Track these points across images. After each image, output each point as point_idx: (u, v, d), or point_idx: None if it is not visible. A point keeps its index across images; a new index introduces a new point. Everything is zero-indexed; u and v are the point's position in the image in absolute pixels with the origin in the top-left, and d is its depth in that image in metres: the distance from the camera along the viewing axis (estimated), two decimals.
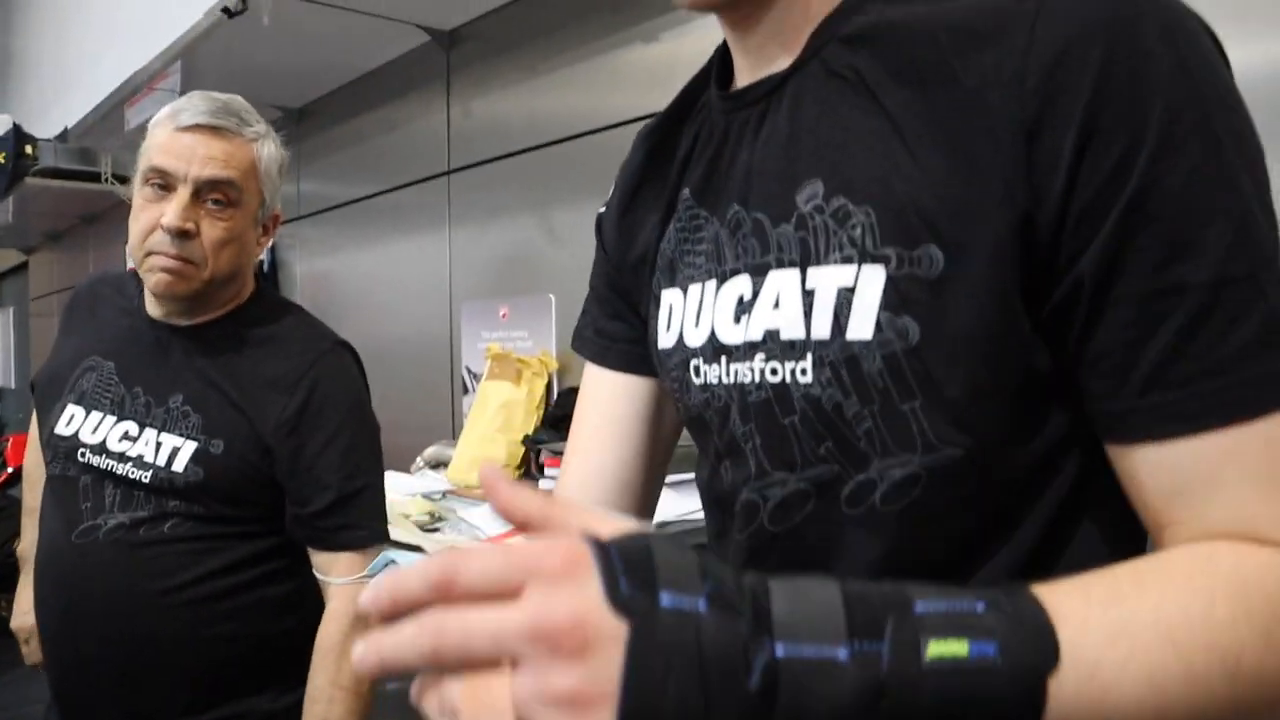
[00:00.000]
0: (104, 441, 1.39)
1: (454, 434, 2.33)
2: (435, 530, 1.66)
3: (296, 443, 1.38)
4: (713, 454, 0.71)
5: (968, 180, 0.54)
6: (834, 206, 0.60)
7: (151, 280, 1.37)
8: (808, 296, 0.61)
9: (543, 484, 1.72)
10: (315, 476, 1.38)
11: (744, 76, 0.70)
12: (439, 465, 2.20)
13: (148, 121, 3.32)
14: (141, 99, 3.24)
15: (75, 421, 1.43)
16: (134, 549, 1.36)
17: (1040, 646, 0.45)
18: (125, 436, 1.39)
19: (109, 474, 1.38)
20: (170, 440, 1.37)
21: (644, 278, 0.79)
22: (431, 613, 0.43)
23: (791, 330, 0.62)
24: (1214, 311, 0.50)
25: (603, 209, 0.87)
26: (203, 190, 1.34)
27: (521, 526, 0.48)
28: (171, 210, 1.31)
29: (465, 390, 2.41)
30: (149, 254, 1.35)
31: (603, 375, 0.87)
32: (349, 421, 1.43)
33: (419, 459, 2.27)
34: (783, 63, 0.66)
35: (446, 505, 1.80)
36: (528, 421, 2.05)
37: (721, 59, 0.73)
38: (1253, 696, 0.48)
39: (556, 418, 1.98)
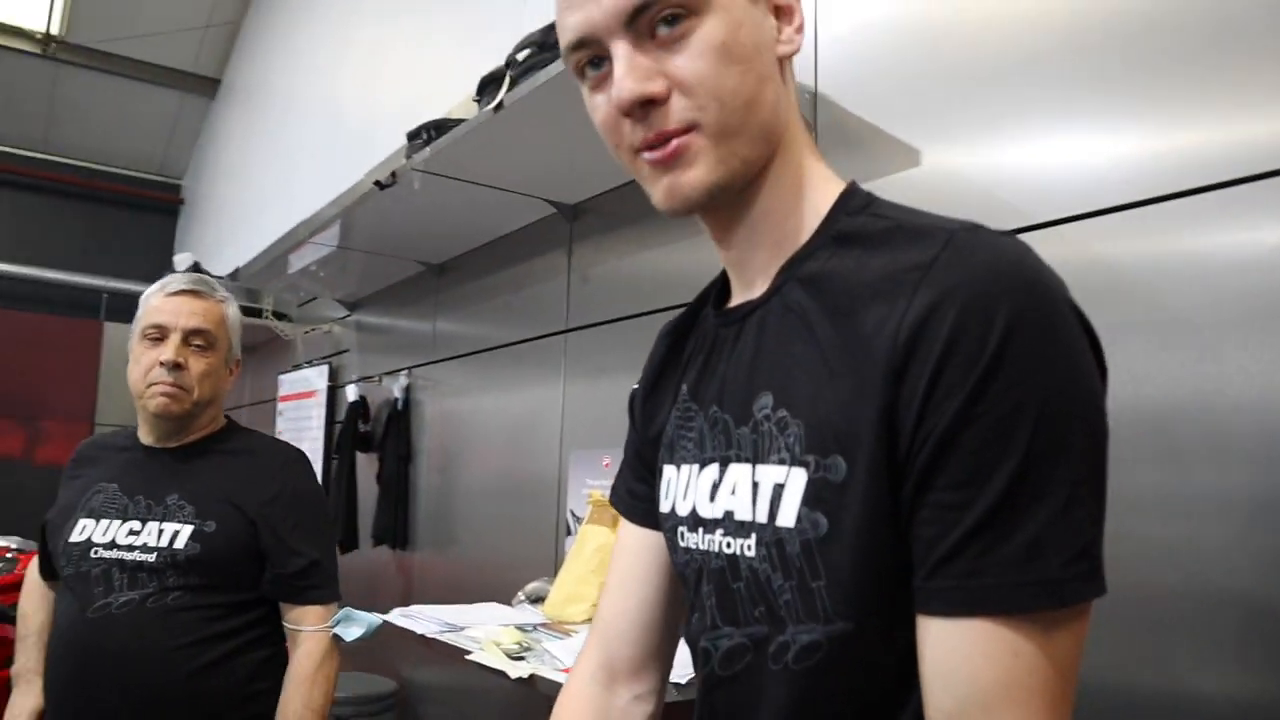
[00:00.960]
0: (113, 539, 1.79)
1: (554, 572, 2.49)
2: (521, 659, 1.82)
3: (277, 518, 1.83)
4: (688, 605, 0.89)
5: (861, 406, 0.70)
6: (778, 416, 0.76)
7: (153, 404, 1.84)
8: (755, 487, 0.77)
9: None
10: (292, 547, 1.82)
11: (736, 297, 0.89)
12: (537, 600, 2.37)
13: (308, 266, 3.68)
14: (302, 247, 3.58)
15: (86, 530, 1.83)
16: (143, 616, 1.73)
17: None
18: (131, 532, 1.79)
19: (118, 562, 1.77)
20: (170, 526, 1.78)
21: (658, 452, 0.97)
22: None
23: (742, 513, 0.79)
24: (989, 528, 0.64)
25: (635, 387, 1.06)
26: (189, 336, 1.85)
27: None
28: (169, 349, 1.84)
29: (568, 532, 2.59)
30: (150, 385, 1.83)
31: (631, 528, 1.05)
32: (311, 508, 1.93)
33: (520, 593, 2.44)
34: (759, 289, 0.84)
35: (535, 637, 1.96)
36: None
37: (723, 280, 0.93)
38: None
39: None
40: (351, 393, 3.85)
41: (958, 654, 0.65)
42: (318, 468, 4.19)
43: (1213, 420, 1.27)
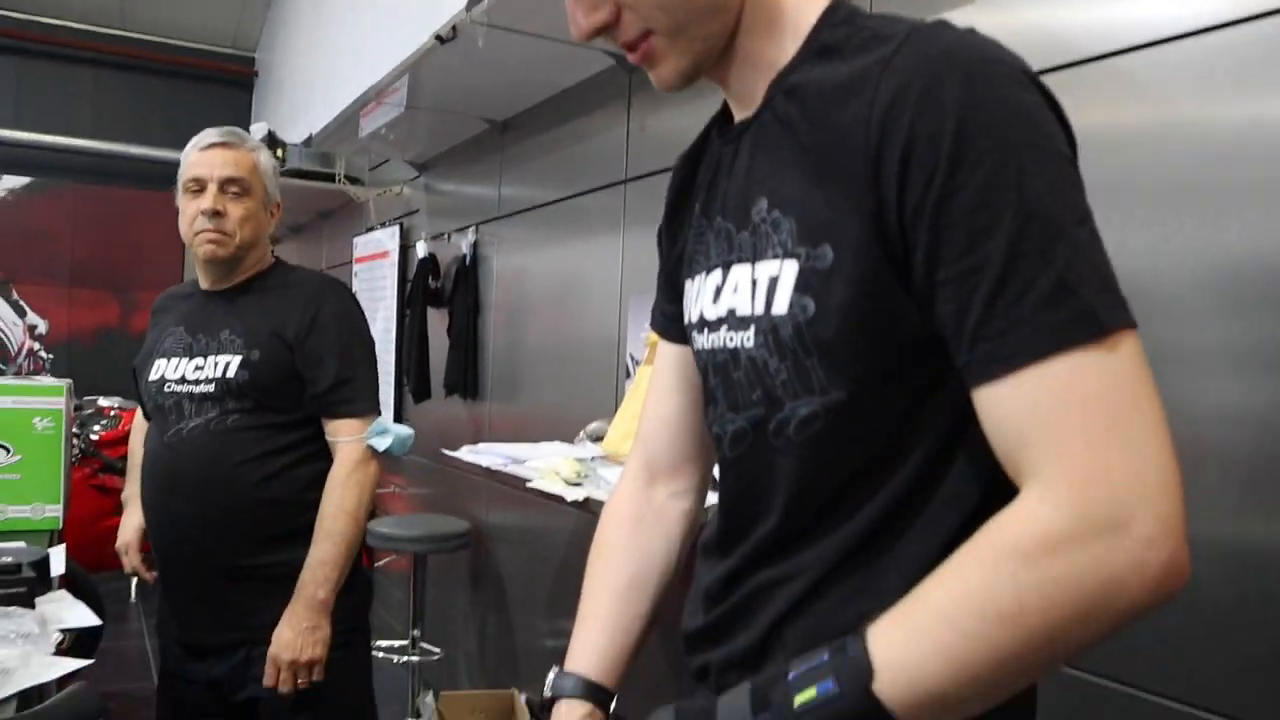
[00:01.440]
0: (182, 375, 2.01)
1: (615, 413, 2.60)
2: (578, 485, 1.94)
3: (311, 342, 2.00)
4: (706, 399, 0.97)
5: (843, 197, 0.76)
6: (773, 217, 0.83)
7: (200, 251, 2.01)
8: (754, 284, 0.84)
9: None
10: (323, 365, 1.99)
11: (736, 118, 0.95)
12: (598, 439, 2.48)
13: (378, 129, 3.75)
14: (373, 110, 3.64)
15: (161, 369, 2.05)
16: (210, 440, 1.95)
17: (860, 668, 0.67)
18: (196, 368, 2.00)
19: (187, 395, 1.99)
20: (224, 358, 1.98)
21: (681, 272, 1.03)
22: None
23: (742, 309, 0.86)
24: (1011, 279, 0.67)
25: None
26: (224, 185, 1.99)
27: None
28: (207, 199, 1.99)
29: (628, 375, 2.68)
30: (197, 234, 1.99)
31: (665, 345, 1.13)
32: (346, 330, 2.07)
33: (582, 433, 2.55)
34: (753, 108, 0.90)
35: (591, 466, 2.07)
36: None
37: (725, 106, 0.98)
38: (1028, 629, 0.63)
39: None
40: (421, 250, 3.96)
41: (1026, 406, 0.67)
42: (391, 325, 4.35)
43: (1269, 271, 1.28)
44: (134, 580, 5.54)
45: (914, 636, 0.67)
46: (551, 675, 1.05)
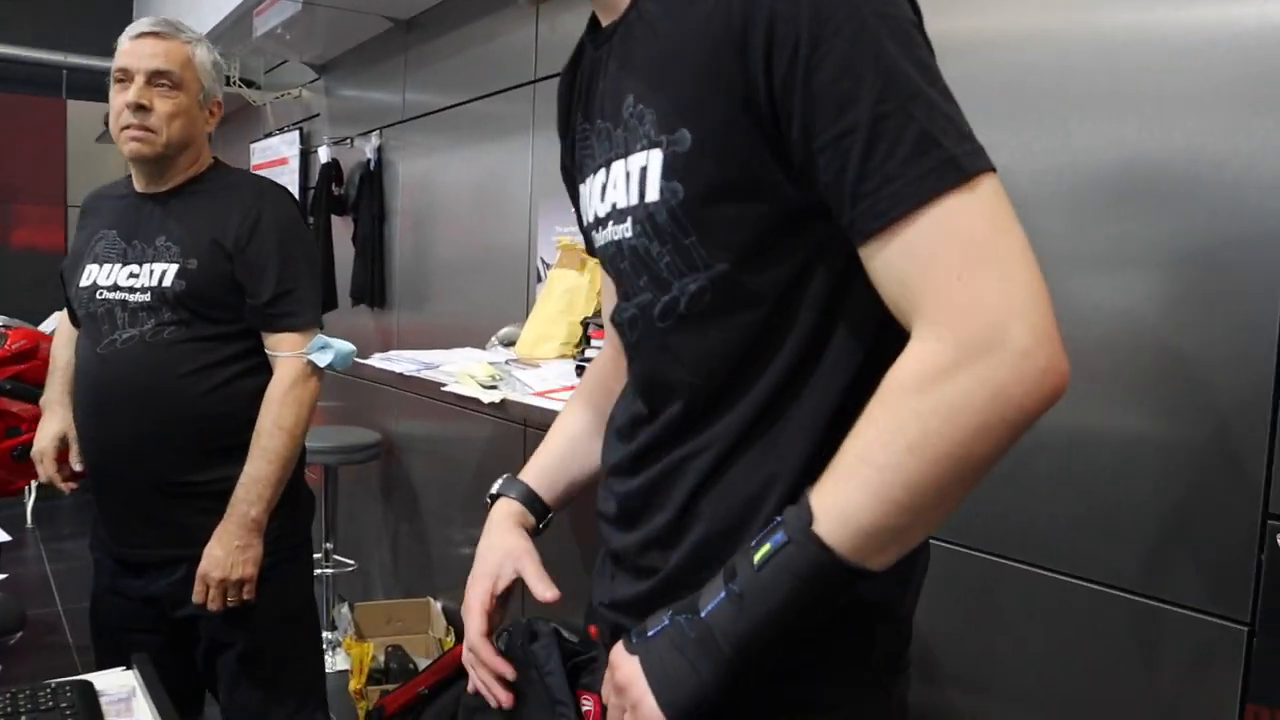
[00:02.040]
0: (115, 282, 1.90)
1: (526, 318, 2.58)
2: (493, 388, 1.92)
3: (251, 251, 1.89)
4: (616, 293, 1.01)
5: (701, 81, 0.80)
6: (638, 110, 0.86)
7: (126, 149, 1.88)
8: (627, 176, 0.88)
9: (589, 352, 1.95)
10: (264, 275, 1.89)
11: (604, 22, 0.96)
12: (510, 344, 2.47)
13: (274, 29, 3.60)
14: (267, 9, 3.48)
15: (92, 275, 1.94)
16: (145, 352, 1.86)
17: (802, 515, 0.74)
18: (130, 275, 1.89)
19: (120, 303, 1.88)
20: (160, 267, 1.88)
21: (576, 180, 1.05)
22: None
23: (621, 202, 0.89)
24: (879, 139, 0.71)
25: None
26: (152, 78, 1.86)
27: None
28: (131, 92, 1.85)
29: (539, 279, 2.66)
30: (121, 129, 1.86)
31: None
32: (287, 239, 1.95)
33: (493, 338, 2.54)
34: (619, 11, 0.92)
35: (506, 369, 2.06)
36: (588, 305, 2.27)
37: (593, 15, 1.00)
38: (936, 452, 0.69)
39: None
40: (324, 155, 3.83)
41: (903, 254, 0.72)
42: None
43: (1169, 176, 1.32)
44: (30, 504, 5.40)
45: (840, 480, 0.73)
46: (501, 479, 1.16)
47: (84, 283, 1.95)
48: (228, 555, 1.85)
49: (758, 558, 0.75)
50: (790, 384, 0.84)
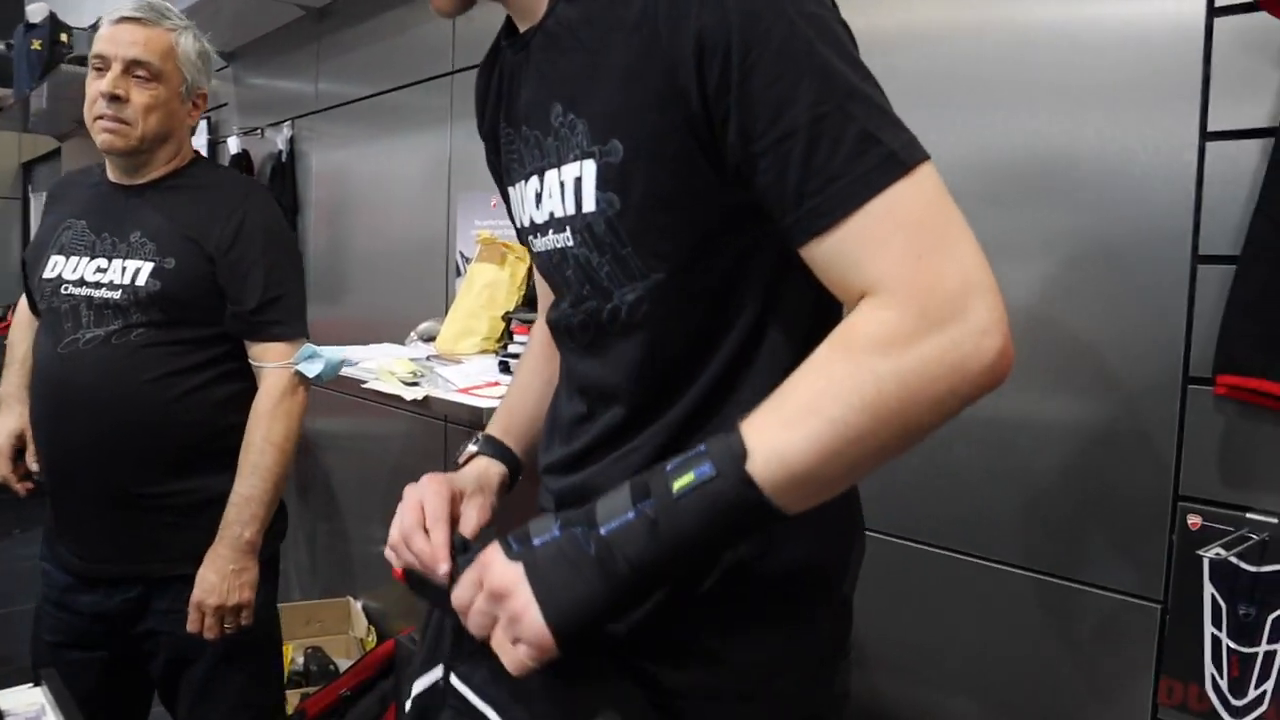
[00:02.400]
0: (81, 276, 1.78)
1: (446, 312, 2.55)
2: (415, 385, 1.89)
3: (235, 254, 1.78)
4: (555, 295, 1.02)
5: (631, 92, 0.80)
6: (568, 120, 0.86)
7: (98, 140, 1.77)
8: (561, 186, 0.88)
9: (512, 348, 1.93)
10: (249, 281, 1.78)
11: (521, 28, 0.95)
12: (430, 339, 2.43)
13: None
14: None
15: (58, 266, 1.82)
16: (109, 354, 1.74)
17: (734, 452, 0.72)
18: (98, 270, 1.77)
19: (86, 300, 1.77)
20: (133, 264, 1.76)
21: (504, 181, 1.06)
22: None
23: (559, 211, 0.89)
24: (820, 139, 0.72)
25: None
26: (130, 67, 1.75)
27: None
28: (106, 80, 1.74)
29: (458, 273, 2.63)
30: (96, 119, 1.75)
31: None
32: (273, 244, 1.85)
33: (412, 333, 2.50)
34: (538, 14, 0.91)
35: (427, 365, 2.03)
36: (509, 299, 2.25)
37: (509, 18, 0.99)
38: (888, 413, 0.70)
39: (534, 296, 2.19)
40: (233, 145, 3.73)
41: (857, 246, 0.72)
42: None
43: (1063, 161, 1.35)
44: None
45: (785, 425, 0.72)
46: (473, 441, 1.16)
47: (48, 274, 1.83)
48: (223, 580, 1.75)
49: (678, 485, 0.73)
50: (728, 377, 0.86)
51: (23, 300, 2.07)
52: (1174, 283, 1.25)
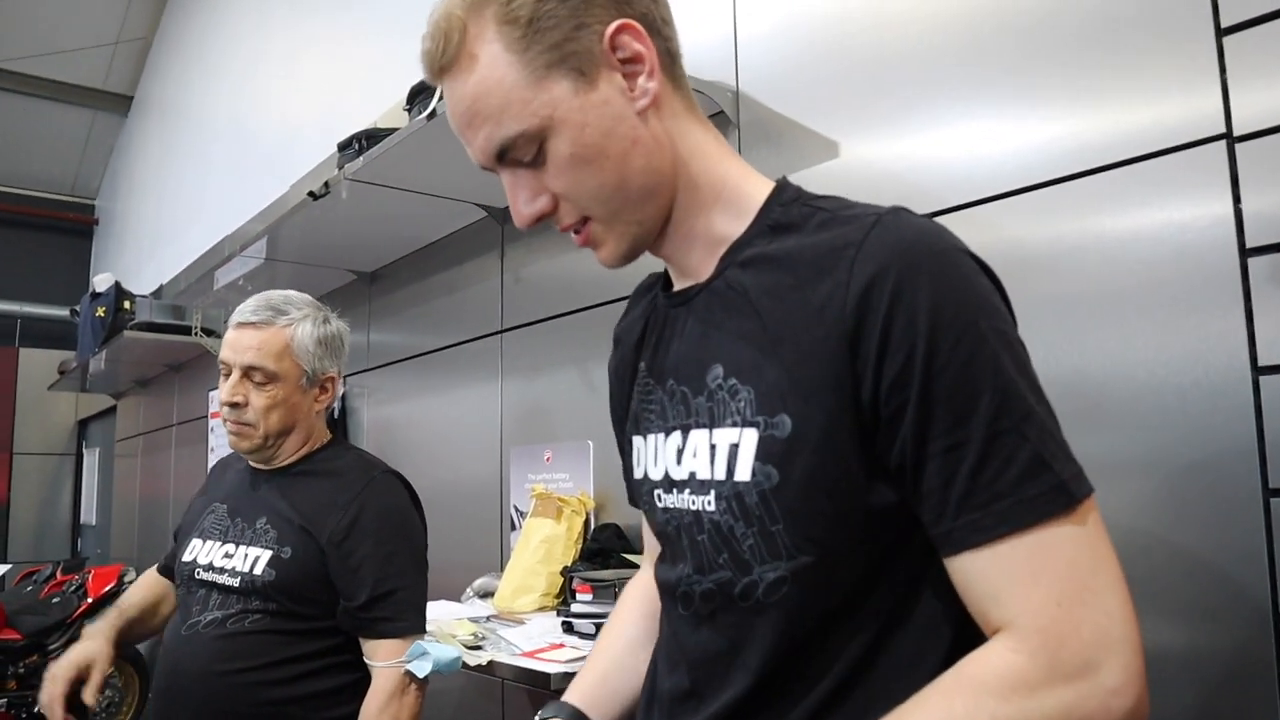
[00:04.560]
0: (212, 561, 1.80)
1: (501, 567, 2.54)
2: (478, 648, 1.87)
3: (347, 549, 1.75)
4: (669, 556, 0.98)
5: (809, 370, 0.80)
6: (729, 384, 0.86)
7: (229, 442, 1.85)
8: (713, 449, 0.87)
9: (575, 607, 1.91)
10: (359, 576, 1.74)
11: (678, 284, 0.99)
12: (487, 595, 2.42)
13: (236, 281, 3.66)
14: (229, 262, 3.56)
15: (195, 550, 1.86)
16: (221, 639, 1.73)
17: None
18: (226, 555, 1.79)
19: (213, 584, 1.78)
20: (254, 551, 1.77)
21: (628, 429, 1.06)
22: None
23: (703, 473, 0.88)
24: (992, 456, 0.73)
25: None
26: (248, 372, 1.81)
27: None
28: (226, 389, 1.82)
29: (513, 527, 2.64)
30: (225, 420, 1.83)
31: None
32: (390, 535, 1.80)
33: (469, 589, 2.48)
34: (702, 275, 0.94)
35: (489, 626, 2.01)
36: (567, 554, 2.25)
37: (666, 270, 1.02)
38: None
39: (593, 551, 2.18)
40: None
41: (1004, 570, 0.73)
42: None
43: (1115, 386, 1.38)
44: None
45: None
46: (544, 710, 1.09)
47: (186, 557, 1.88)
48: None
49: None
50: (865, 673, 0.83)
51: (153, 568, 2.16)
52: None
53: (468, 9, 0.85)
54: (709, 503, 0.87)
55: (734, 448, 0.84)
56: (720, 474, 0.86)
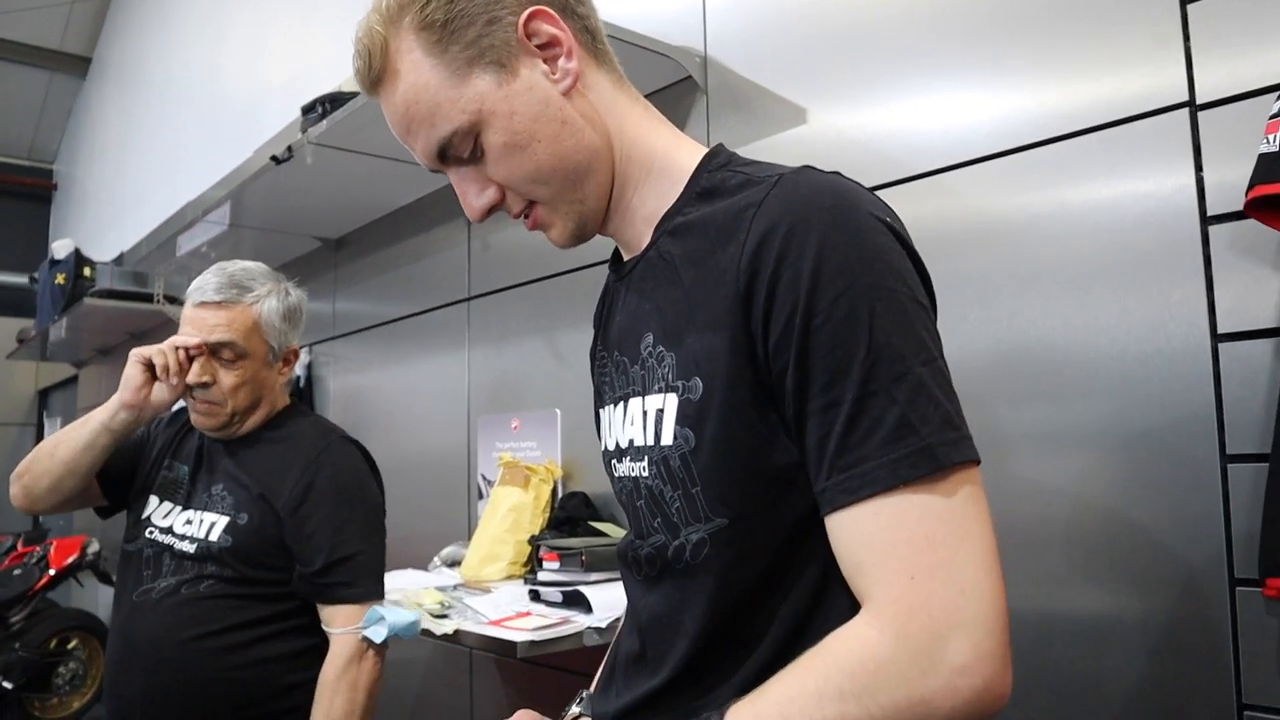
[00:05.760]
0: (171, 525, 1.79)
1: (469, 536, 2.54)
2: (444, 617, 1.87)
3: (302, 515, 1.75)
4: (629, 523, 1.00)
5: (715, 332, 0.82)
6: (657, 351, 0.89)
7: (192, 419, 1.83)
8: (644, 415, 0.90)
9: (542, 575, 1.91)
10: (315, 542, 1.73)
11: (625, 256, 1.01)
12: (454, 564, 2.41)
13: (199, 248, 3.60)
14: (192, 228, 3.51)
15: (150, 507, 1.84)
16: (177, 605, 1.72)
17: None
18: (186, 521, 1.78)
19: (169, 548, 1.77)
20: (210, 517, 1.77)
21: (596, 403, 1.08)
22: None
23: (639, 439, 0.91)
24: (861, 416, 0.73)
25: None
26: (216, 350, 1.77)
27: None
28: (193, 371, 1.77)
29: (480, 496, 2.63)
30: (190, 399, 1.80)
31: None
32: (345, 501, 1.80)
33: (436, 558, 2.48)
34: (639, 248, 0.96)
35: (455, 595, 2.01)
36: (534, 523, 2.25)
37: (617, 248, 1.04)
38: None
39: (560, 519, 2.18)
40: None
41: (865, 536, 0.73)
42: None
43: (1077, 352, 1.39)
44: None
45: (755, 716, 0.75)
46: (578, 702, 1.08)
47: (143, 514, 1.84)
48: None
49: None
50: (797, 640, 0.83)
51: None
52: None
53: (385, 22, 0.88)
54: (644, 469, 0.90)
55: (659, 413, 0.87)
56: (650, 439, 0.88)
